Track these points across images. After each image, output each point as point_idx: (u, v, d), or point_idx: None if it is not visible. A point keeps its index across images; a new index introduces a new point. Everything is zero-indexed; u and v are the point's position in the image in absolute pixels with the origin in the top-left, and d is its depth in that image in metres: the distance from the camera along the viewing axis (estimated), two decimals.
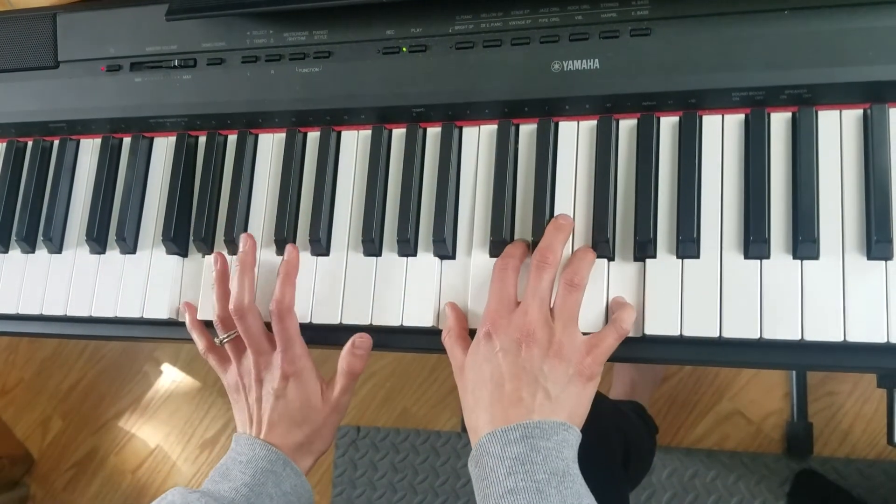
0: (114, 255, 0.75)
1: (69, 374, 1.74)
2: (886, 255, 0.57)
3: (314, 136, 0.72)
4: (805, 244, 0.58)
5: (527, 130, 0.67)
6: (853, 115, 0.60)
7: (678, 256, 0.61)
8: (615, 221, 0.63)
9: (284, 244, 0.69)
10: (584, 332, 0.60)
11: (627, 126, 0.65)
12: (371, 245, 0.67)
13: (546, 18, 0.64)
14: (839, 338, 0.56)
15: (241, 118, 0.73)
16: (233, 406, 0.71)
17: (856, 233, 0.58)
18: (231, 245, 0.71)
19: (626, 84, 0.62)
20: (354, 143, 0.71)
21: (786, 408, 1.35)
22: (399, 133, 0.70)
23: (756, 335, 0.58)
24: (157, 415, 1.68)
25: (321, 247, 0.69)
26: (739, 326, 0.58)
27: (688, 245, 0.60)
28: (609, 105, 0.64)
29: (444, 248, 0.66)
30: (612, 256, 0.63)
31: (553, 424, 0.56)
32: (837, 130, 0.60)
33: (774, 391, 1.36)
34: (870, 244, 0.57)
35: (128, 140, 0.77)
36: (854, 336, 0.56)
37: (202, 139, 0.75)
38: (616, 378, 1.34)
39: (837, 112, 0.61)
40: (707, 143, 0.62)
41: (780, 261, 0.59)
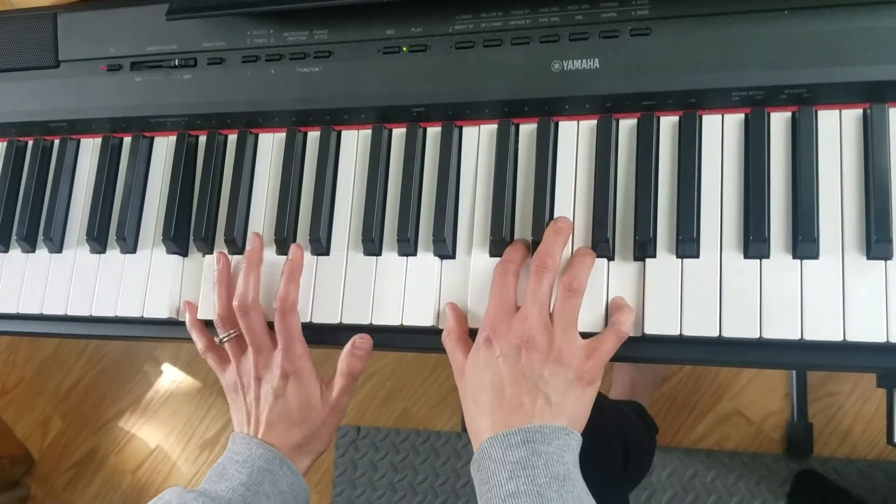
0: (114, 255, 0.75)
1: (69, 374, 1.74)
2: (886, 255, 0.57)
3: (314, 136, 0.72)
4: (805, 244, 0.58)
5: (527, 130, 0.67)
6: (853, 115, 0.60)
7: (678, 256, 0.61)
8: (615, 221, 0.63)
9: (285, 243, 0.70)
10: (584, 333, 0.60)
11: (627, 126, 0.65)
12: (371, 244, 0.67)
13: (546, 18, 0.64)
14: (839, 337, 0.56)
15: (242, 118, 0.73)
16: (230, 406, 0.71)
17: (855, 232, 0.58)
18: (231, 245, 0.71)
19: (626, 84, 0.62)
20: (354, 143, 0.71)
21: (786, 408, 1.35)
22: (399, 133, 0.70)
23: (756, 335, 0.58)
24: (158, 415, 1.68)
25: (321, 246, 0.69)
26: (739, 326, 0.58)
27: (687, 245, 0.60)
28: (609, 105, 0.64)
29: (444, 248, 0.66)
30: (612, 256, 0.63)
31: (554, 429, 0.56)
32: (837, 130, 0.60)
33: (774, 391, 1.36)
34: (869, 244, 0.57)
35: (128, 140, 0.77)
36: (854, 336, 0.56)
37: (202, 139, 0.75)
38: (616, 378, 1.34)
39: (837, 112, 0.61)
40: (707, 143, 0.62)
41: (780, 260, 0.59)
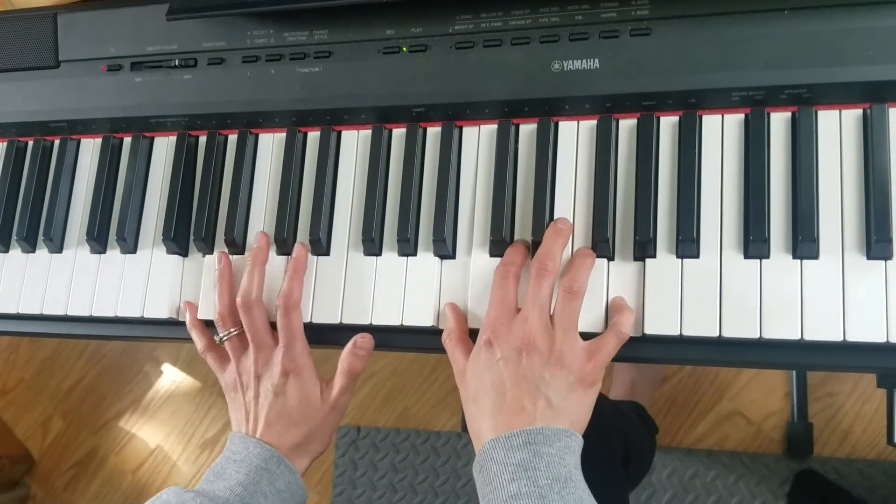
0: (114, 255, 0.75)
1: (70, 374, 1.74)
2: (886, 255, 0.57)
3: (314, 136, 0.72)
4: (805, 244, 0.58)
5: (527, 130, 0.67)
6: (853, 115, 0.60)
7: (678, 256, 0.61)
8: (615, 221, 0.63)
9: (285, 244, 0.70)
10: (584, 333, 0.60)
11: (627, 126, 0.65)
12: (371, 245, 0.67)
13: (546, 18, 0.64)
14: (839, 337, 0.56)
15: (242, 118, 0.73)
16: (229, 405, 0.71)
17: (855, 232, 0.58)
18: (231, 245, 0.71)
19: (626, 84, 0.62)
20: (354, 143, 0.71)
21: (786, 408, 1.35)
22: (399, 133, 0.70)
23: (756, 335, 0.58)
24: (158, 415, 1.68)
25: (321, 246, 0.69)
26: (739, 326, 0.58)
27: (687, 245, 0.60)
28: (609, 105, 0.64)
29: (444, 248, 0.66)
30: (612, 256, 0.63)
31: (556, 431, 0.56)
32: (837, 130, 0.60)
33: (775, 391, 1.36)
34: (869, 244, 0.57)
35: (128, 140, 0.77)
36: (854, 336, 0.56)
37: (202, 139, 0.75)
38: (616, 378, 1.34)
39: (837, 112, 0.61)
40: (707, 143, 0.62)
41: (780, 260, 0.59)
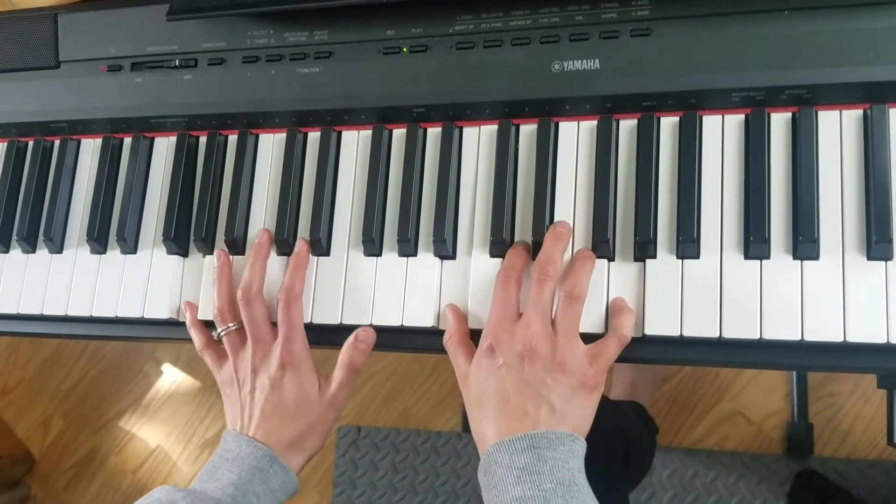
0: (114, 255, 0.75)
1: (70, 374, 1.74)
2: (886, 256, 0.57)
3: (314, 137, 0.72)
4: (805, 244, 0.58)
5: (527, 130, 0.67)
6: (853, 116, 0.60)
7: (678, 257, 0.61)
8: (615, 222, 0.63)
9: (285, 244, 0.70)
10: (584, 334, 0.60)
11: (627, 126, 0.65)
12: (371, 245, 0.67)
13: (546, 18, 0.64)
14: (839, 338, 0.56)
15: (242, 118, 0.73)
16: (224, 402, 0.70)
17: (856, 233, 0.58)
18: (232, 246, 0.71)
19: (627, 84, 0.62)
20: (355, 144, 0.71)
21: (786, 408, 1.35)
22: (399, 133, 0.70)
23: (756, 335, 0.58)
24: (158, 415, 1.68)
25: (321, 247, 0.69)
26: (739, 327, 0.58)
27: (688, 245, 0.60)
28: (609, 105, 0.64)
29: (445, 249, 0.66)
30: (613, 257, 0.63)
31: (559, 435, 0.56)
32: (837, 131, 0.60)
33: (775, 392, 1.36)
34: (870, 244, 0.57)
35: (128, 140, 0.77)
36: (854, 336, 0.56)
37: (203, 139, 0.75)
38: (616, 378, 1.34)
39: (837, 112, 0.61)
40: (707, 144, 0.62)
41: (780, 261, 0.59)
